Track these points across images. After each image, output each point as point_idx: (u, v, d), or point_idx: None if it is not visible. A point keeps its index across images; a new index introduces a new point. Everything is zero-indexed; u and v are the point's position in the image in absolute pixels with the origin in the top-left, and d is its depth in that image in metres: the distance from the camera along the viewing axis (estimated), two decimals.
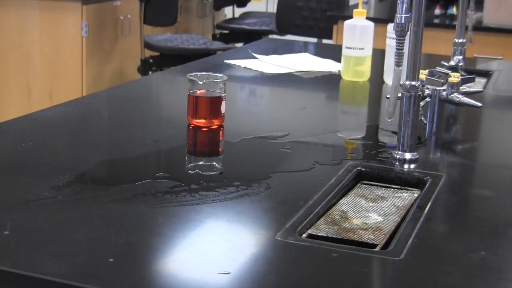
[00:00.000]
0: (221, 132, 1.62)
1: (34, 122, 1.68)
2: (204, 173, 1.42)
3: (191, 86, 1.62)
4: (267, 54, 2.38)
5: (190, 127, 1.61)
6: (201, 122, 1.62)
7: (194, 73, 1.64)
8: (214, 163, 1.46)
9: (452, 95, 1.70)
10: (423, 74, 1.72)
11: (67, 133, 1.66)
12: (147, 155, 1.52)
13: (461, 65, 2.20)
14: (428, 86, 1.72)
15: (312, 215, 1.21)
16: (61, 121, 1.70)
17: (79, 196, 1.29)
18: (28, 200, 1.27)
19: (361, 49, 2.16)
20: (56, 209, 1.24)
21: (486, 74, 2.37)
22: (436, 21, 3.84)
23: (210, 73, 1.66)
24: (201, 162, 1.47)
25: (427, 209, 1.25)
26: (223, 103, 1.61)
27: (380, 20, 2.99)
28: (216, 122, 1.63)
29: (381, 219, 1.25)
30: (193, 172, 1.44)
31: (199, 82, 1.61)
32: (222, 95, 1.62)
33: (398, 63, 1.41)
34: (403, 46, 1.41)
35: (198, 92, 1.62)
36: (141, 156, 1.51)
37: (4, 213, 1.22)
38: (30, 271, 1.01)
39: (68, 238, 1.14)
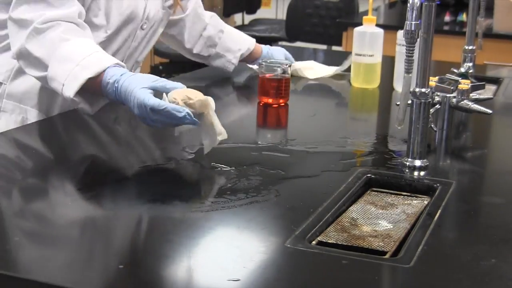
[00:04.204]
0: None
1: (44, 127, 1.69)
2: (213, 179, 1.42)
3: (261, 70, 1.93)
4: None
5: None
6: (269, 100, 1.91)
7: (264, 59, 2.01)
8: (224, 169, 1.46)
9: (462, 102, 1.70)
10: (433, 81, 1.71)
11: (78, 140, 1.66)
12: (156, 163, 1.52)
13: (471, 72, 2.20)
14: (438, 93, 1.71)
15: (321, 222, 1.21)
16: (71, 127, 1.70)
17: (88, 202, 1.29)
18: (38, 205, 1.27)
19: (371, 56, 2.16)
20: (65, 216, 1.24)
21: (496, 81, 2.36)
22: (446, 28, 3.84)
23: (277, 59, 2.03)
24: (211, 169, 1.47)
25: (437, 216, 1.25)
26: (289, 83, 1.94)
27: (390, 27, 2.99)
28: (282, 101, 1.91)
29: (391, 226, 1.25)
30: (203, 178, 1.44)
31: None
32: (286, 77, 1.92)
33: (408, 70, 1.41)
34: (413, 53, 1.41)
35: (267, 75, 1.91)
36: (150, 164, 1.51)
37: (13, 219, 1.22)
38: (38, 277, 1.02)
39: (77, 244, 1.14)
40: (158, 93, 1.48)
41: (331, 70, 2.32)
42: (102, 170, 1.48)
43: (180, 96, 1.45)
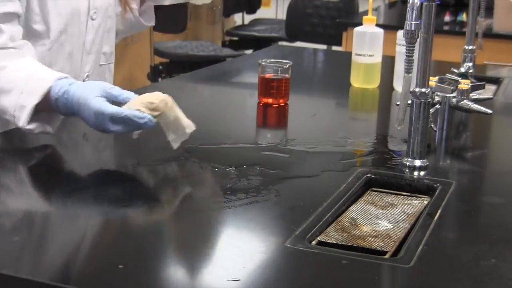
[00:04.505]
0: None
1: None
2: (213, 179, 1.42)
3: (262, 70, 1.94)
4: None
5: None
6: (269, 100, 1.92)
7: (264, 59, 1.96)
8: (224, 169, 1.46)
9: (462, 102, 1.70)
10: (432, 81, 1.71)
11: (78, 139, 1.66)
12: (156, 163, 1.52)
13: (471, 72, 2.20)
14: (438, 93, 1.71)
15: (321, 222, 1.21)
16: (72, 127, 1.70)
17: (89, 202, 1.29)
18: (39, 206, 1.27)
19: (371, 56, 2.16)
20: (66, 215, 1.24)
21: (496, 81, 2.36)
22: (446, 27, 3.84)
23: (278, 60, 1.97)
24: (211, 169, 1.47)
25: (437, 216, 1.25)
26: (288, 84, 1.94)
27: (390, 27, 2.99)
28: (282, 101, 1.92)
29: (391, 226, 1.25)
30: (202, 178, 1.44)
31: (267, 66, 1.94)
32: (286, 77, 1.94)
33: (408, 70, 1.41)
34: (413, 53, 1.41)
35: (267, 75, 1.93)
36: (150, 164, 1.51)
37: (14, 218, 1.22)
38: (39, 277, 1.02)
39: (77, 244, 1.14)
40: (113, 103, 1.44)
41: None
42: (98, 171, 1.48)
43: (142, 104, 1.42)
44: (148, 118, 1.41)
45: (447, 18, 3.97)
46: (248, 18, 6.11)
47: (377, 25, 2.20)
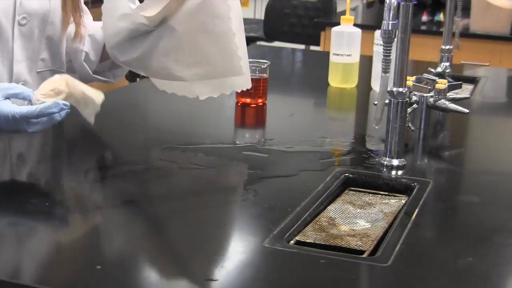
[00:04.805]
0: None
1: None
2: (191, 179, 1.41)
3: None
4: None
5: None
6: (247, 100, 1.92)
7: None
8: (202, 169, 1.46)
9: (439, 102, 1.71)
10: (410, 80, 1.72)
11: (55, 142, 1.65)
12: (133, 163, 1.51)
13: (448, 72, 2.21)
14: (415, 93, 1.72)
15: (300, 222, 1.21)
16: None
17: (64, 203, 1.29)
18: (13, 206, 1.27)
19: (349, 55, 2.17)
20: (43, 216, 1.23)
21: (473, 80, 2.38)
22: (423, 27, 3.86)
23: (256, 59, 1.95)
24: (189, 169, 1.47)
25: (414, 215, 1.25)
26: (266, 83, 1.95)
27: (368, 26, 3.00)
28: (260, 100, 1.92)
29: (369, 226, 1.25)
30: (181, 178, 1.44)
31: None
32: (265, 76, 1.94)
33: (385, 70, 1.41)
34: (390, 52, 1.41)
35: None
36: (127, 164, 1.50)
37: None
38: (16, 278, 1.01)
39: (54, 245, 1.14)
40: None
41: None
42: (74, 171, 1.47)
43: (43, 96, 1.35)
44: (61, 105, 1.32)
45: (424, 18, 3.99)
46: None
47: (355, 25, 2.21)
